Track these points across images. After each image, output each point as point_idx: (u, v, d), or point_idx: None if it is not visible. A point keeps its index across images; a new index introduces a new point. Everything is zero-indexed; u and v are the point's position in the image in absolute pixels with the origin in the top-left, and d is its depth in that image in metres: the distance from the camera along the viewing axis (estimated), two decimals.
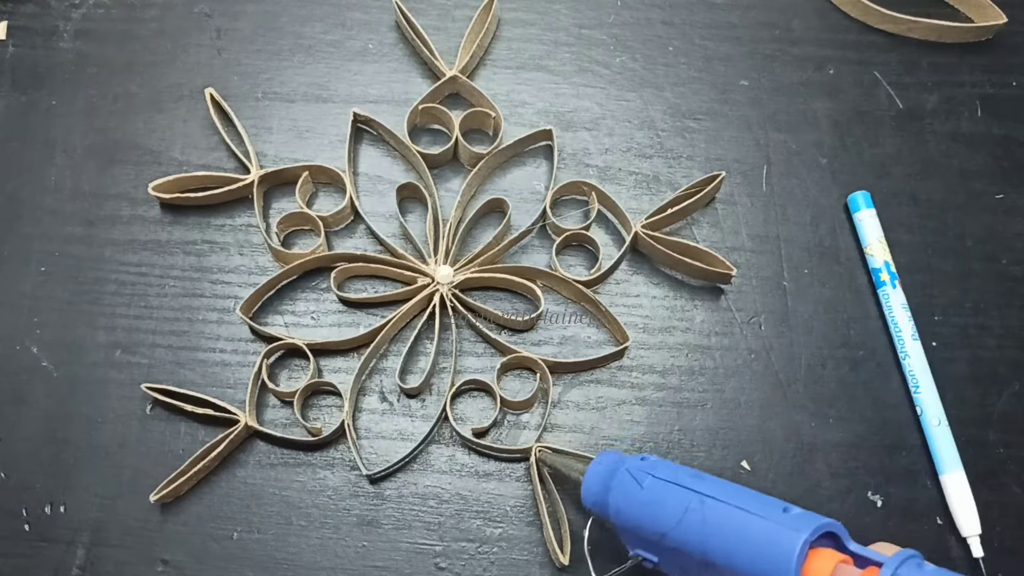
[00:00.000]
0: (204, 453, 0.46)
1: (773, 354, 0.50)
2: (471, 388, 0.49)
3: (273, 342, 0.48)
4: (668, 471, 0.39)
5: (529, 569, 0.46)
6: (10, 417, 0.48)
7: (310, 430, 0.47)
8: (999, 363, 0.50)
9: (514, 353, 0.48)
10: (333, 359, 0.49)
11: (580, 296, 0.50)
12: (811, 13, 0.57)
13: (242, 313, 0.48)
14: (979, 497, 0.47)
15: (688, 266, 0.50)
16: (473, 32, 0.54)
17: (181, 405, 0.47)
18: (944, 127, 0.55)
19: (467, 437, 0.47)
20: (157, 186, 0.50)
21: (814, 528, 0.34)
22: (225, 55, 0.55)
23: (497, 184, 0.53)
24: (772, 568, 0.34)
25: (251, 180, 0.51)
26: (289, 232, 0.51)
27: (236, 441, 0.46)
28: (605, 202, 0.51)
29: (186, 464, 0.45)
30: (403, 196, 0.52)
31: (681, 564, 0.38)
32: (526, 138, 0.52)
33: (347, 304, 0.50)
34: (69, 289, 0.50)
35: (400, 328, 0.50)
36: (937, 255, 0.52)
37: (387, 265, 0.50)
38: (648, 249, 0.50)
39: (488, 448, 0.47)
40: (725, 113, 0.55)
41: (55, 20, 0.56)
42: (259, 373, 0.47)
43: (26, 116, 0.53)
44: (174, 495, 0.46)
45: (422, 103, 0.52)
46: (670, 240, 0.50)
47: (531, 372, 0.48)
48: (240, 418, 0.46)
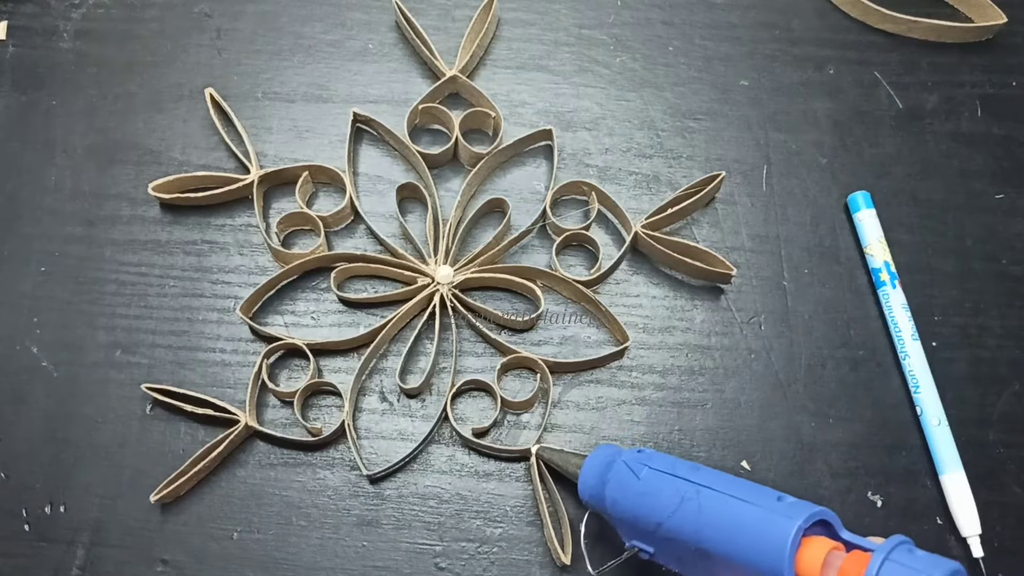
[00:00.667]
0: (204, 453, 0.46)
1: (773, 354, 0.50)
2: (471, 388, 0.49)
3: (273, 342, 0.48)
4: (664, 463, 0.40)
5: (529, 569, 0.46)
6: (10, 417, 0.48)
7: (310, 430, 0.47)
8: (999, 363, 0.50)
9: (514, 353, 0.48)
10: (333, 359, 0.49)
11: (580, 296, 0.50)
12: (811, 13, 0.57)
13: (242, 313, 0.48)
14: (979, 497, 0.47)
15: (688, 266, 0.50)
16: (473, 32, 0.54)
17: (181, 405, 0.46)
18: (944, 127, 0.55)
19: (467, 437, 0.47)
20: (157, 186, 0.50)
21: (807, 516, 0.34)
22: (225, 55, 0.55)
23: (497, 184, 0.53)
24: (766, 555, 0.34)
25: (251, 180, 0.51)
26: (289, 232, 0.51)
27: (236, 441, 0.46)
28: (605, 202, 0.51)
29: (186, 464, 0.45)
30: (403, 196, 0.52)
31: (677, 554, 0.39)
32: (526, 138, 0.52)
33: (347, 304, 0.50)
34: (69, 289, 0.50)
35: (400, 328, 0.50)
36: (937, 255, 0.52)
37: (387, 265, 0.50)
38: (648, 249, 0.50)
39: (488, 448, 0.47)
40: (725, 113, 0.55)
41: (55, 20, 0.56)
42: (259, 373, 0.47)
43: (26, 116, 0.53)
44: (174, 495, 0.46)
45: (422, 103, 0.52)
46: (670, 240, 0.50)
47: (531, 372, 0.48)
48: (240, 418, 0.46)
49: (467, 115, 0.52)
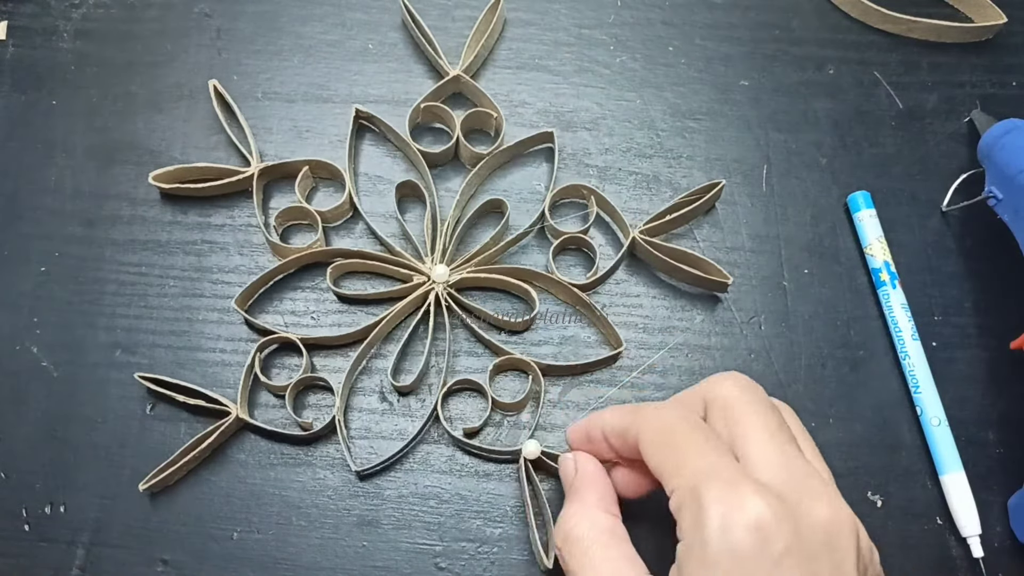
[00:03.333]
0: (194, 444, 0.46)
1: (773, 354, 0.50)
2: (465, 388, 0.49)
3: (267, 335, 0.48)
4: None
5: (529, 569, 0.46)
6: (10, 417, 0.48)
7: (301, 424, 0.47)
8: (999, 363, 0.50)
9: (507, 355, 0.48)
10: (329, 356, 0.49)
11: (575, 300, 0.50)
12: (811, 13, 0.57)
13: (237, 306, 0.48)
14: (979, 497, 0.47)
15: (685, 273, 0.50)
16: (478, 32, 0.54)
17: (173, 395, 0.47)
18: (944, 127, 0.55)
19: (457, 437, 0.47)
20: (157, 176, 0.50)
21: None
22: (225, 55, 0.55)
23: (497, 185, 0.53)
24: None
25: (251, 173, 0.51)
26: (287, 226, 0.52)
27: (227, 433, 0.46)
28: (604, 207, 0.51)
29: (176, 454, 0.45)
30: (402, 194, 0.52)
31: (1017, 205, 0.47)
32: (527, 140, 0.52)
33: (342, 300, 0.50)
34: (69, 289, 0.50)
35: (395, 326, 0.50)
36: (937, 255, 0.52)
37: (384, 262, 0.50)
38: (645, 255, 0.50)
39: (478, 448, 0.47)
40: (725, 113, 0.55)
41: (55, 20, 0.56)
42: (251, 366, 0.47)
43: (26, 116, 0.53)
44: (163, 484, 0.46)
45: (424, 101, 0.52)
46: (667, 247, 0.50)
47: (525, 373, 0.48)
48: (231, 410, 0.46)
49: (469, 115, 0.52)
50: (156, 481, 0.45)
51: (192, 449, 0.45)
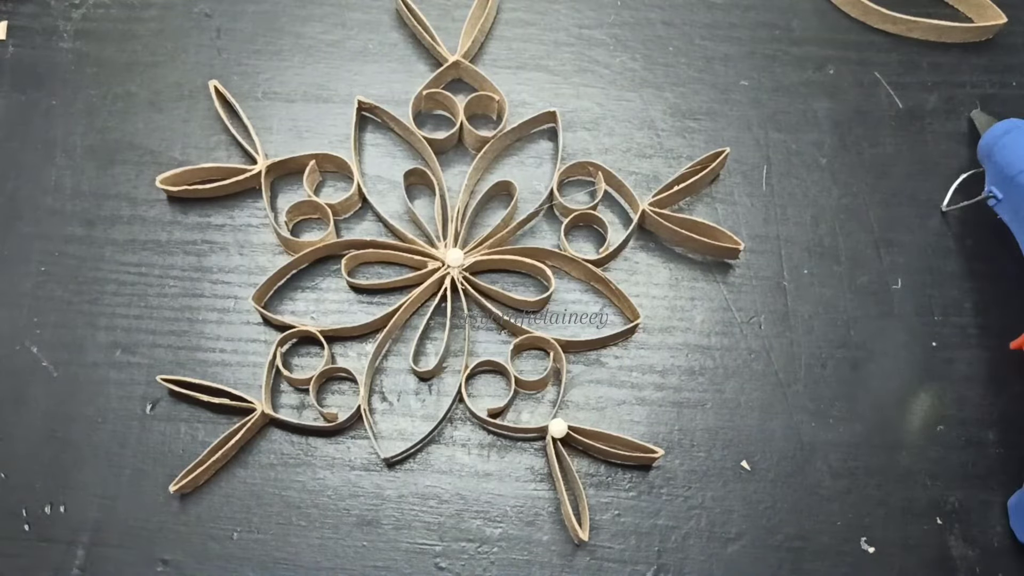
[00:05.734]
0: (222, 442, 0.46)
1: (773, 354, 0.50)
2: (485, 370, 0.49)
3: (286, 330, 0.48)
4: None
5: (529, 569, 0.46)
6: (10, 417, 0.48)
7: (325, 415, 0.47)
8: (999, 363, 0.50)
9: (527, 333, 0.48)
10: (346, 346, 0.49)
11: (590, 276, 0.50)
12: (811, 13, 0.57)
13: (254, 302, 0.48)
14: (979, 497, 0.47)
15: (696, 242, 0.50)
16: (474, 17, 0.54)
17: (196, 395, 0.47)
18: (944, 127, 0.55)
19: (483, 417, 0.47)
20: (164, 179, 0.50)
21: None
22: (225, 55, 0.55)
23: (503, 167, 0.53)
24: None
25: (259, 170, 0.51)
26: (297, 222, 0.52)
27: (253, 429, 0.47)
28: (611, 182, 0.51)
29: (204, 453, 0.45)
30: (410, 182, 0.52)
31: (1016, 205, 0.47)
32: (530, 121, 0.52)
33: (358, 291, 0.50)
34: (69, 289, 0.50)
35: (412, 312, 0.50)
36: (937, 255, 0.52)
37: (397, 250, 0.50)
38: (655, 227, 0.51)
39: (504, 428, 0.47)
40: (725, 113, 0.55)
41: (55, 20, 0.56)
42: (273, 361, 0.47)
43: (26, 116, 0.53)
44: (193, 485, 0.46)
45: (425, 89, 0.52)
46: (677, 217, 0.50)
47: (544, 352, 0.49)
48: (256, 406, 0.46)
49: (472, 99, 0.52)
50: (186, 482, 0.45)
51: (219, 448, 0.46)
